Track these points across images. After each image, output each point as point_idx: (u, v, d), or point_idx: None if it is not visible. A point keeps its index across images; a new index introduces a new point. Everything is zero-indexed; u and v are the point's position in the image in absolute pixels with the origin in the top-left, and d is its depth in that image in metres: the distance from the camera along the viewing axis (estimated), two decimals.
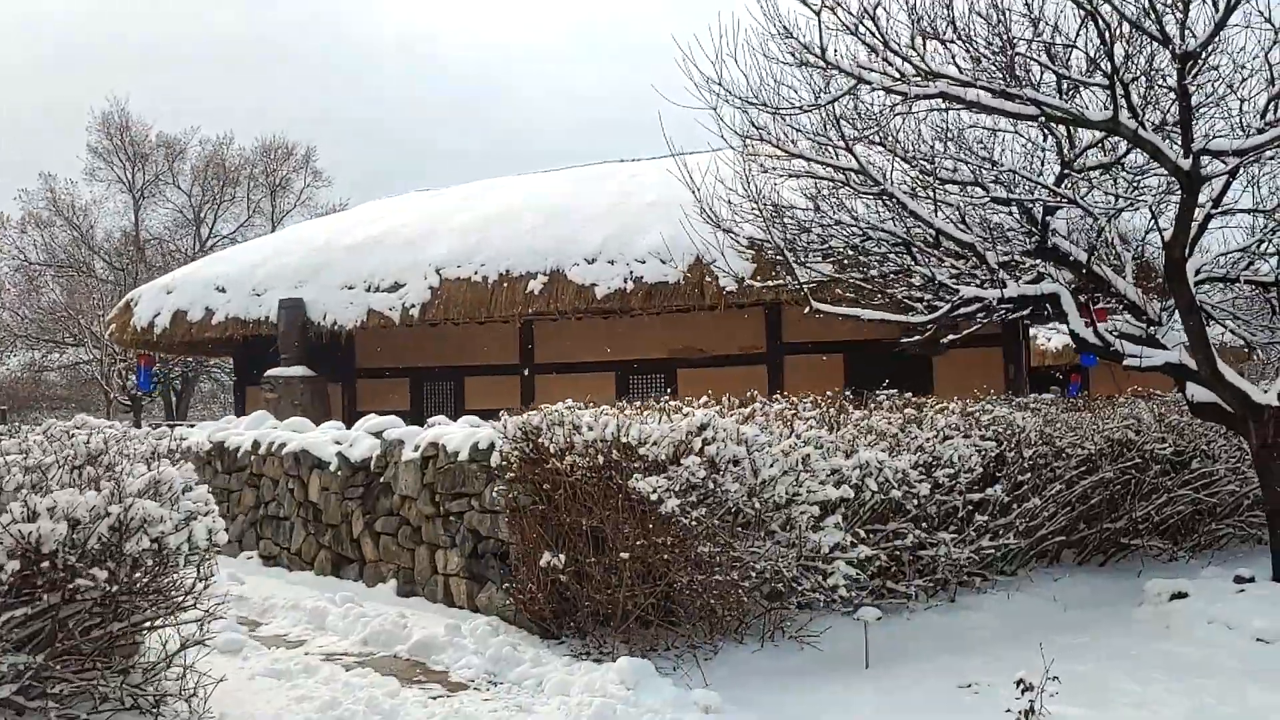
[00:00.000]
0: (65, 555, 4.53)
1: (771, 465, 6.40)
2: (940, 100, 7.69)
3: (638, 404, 7.18)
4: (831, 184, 9.30)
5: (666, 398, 7.81)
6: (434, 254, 14.98)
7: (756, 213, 8.67)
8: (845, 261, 9.45)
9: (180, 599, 5.00)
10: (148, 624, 5.02)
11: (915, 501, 7.13)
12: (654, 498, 5.97)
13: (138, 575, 4.76)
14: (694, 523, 6.07)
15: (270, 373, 15.11)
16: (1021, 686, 4.89)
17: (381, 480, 8.70)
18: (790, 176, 9.46)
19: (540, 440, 6.64)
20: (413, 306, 14.65)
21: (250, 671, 6.01)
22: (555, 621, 6.77)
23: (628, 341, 15.85)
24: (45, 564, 4.45)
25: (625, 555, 6.17)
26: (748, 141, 9.17)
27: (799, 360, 15.00)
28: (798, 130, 9.11)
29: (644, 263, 13.59)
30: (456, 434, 7.88)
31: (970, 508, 7.60)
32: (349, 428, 10.05)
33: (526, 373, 15.66)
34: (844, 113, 9.03)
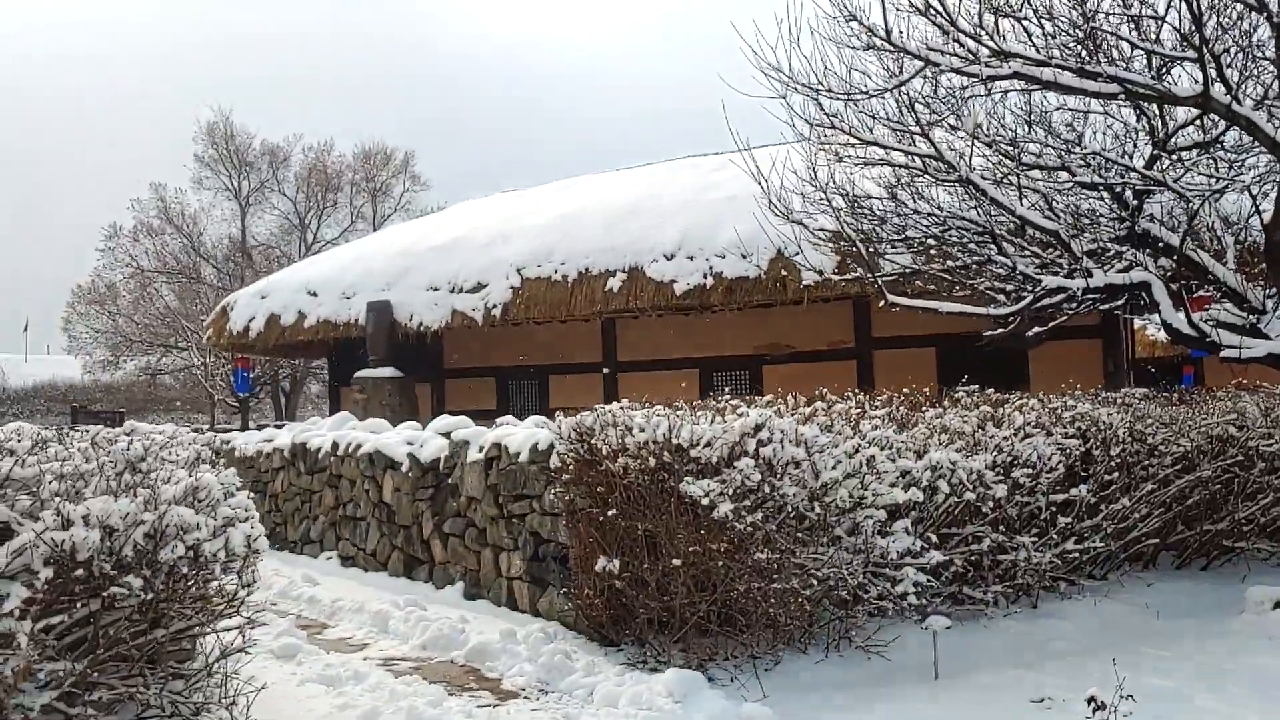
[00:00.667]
0: (101, 563, 4.53)
1: (834, 467, 6.13)
2: (1015, 81, 7.29)
3: (694, 403, 6.98)
4: (908, 172, 8.95)
5: (731, 398, 7.58)
6: (514, 254, 15.00)
7: (826, 203, 8.36)
8: (924, 252, 9.08)
9: (220, 606, 4.96)
10: (188, 631, 5.00)
11: (991, 503, 6.76)
12: (705, 502, 5.76)
13: (175, 583, 4.73)
14: (749, 528, 5.84)
15: (359, 374, 15.33)
16: (1093, 705, 4.56)
17: (449, 481, 8.66)
18: (864, 165, 9.14)
19: (593, 442, 6.49)
20: (494, 306, 14.69)
21: (301, 677, 5.99)
22: (614, 629, 6.60)
23: (711, 338, 15.64)
24: (80, 571, 4.45)
25: (678, 562, 5.97)
26: (819, 130, 8.88)
27: (889, 355, 14.59)
28: (872, 117, 8.79)
29: (723, 258, 13.36)
30: (518, 435, 7.79)
31: (1053, 509, 7.19)
32: None
33: (609, 371, 15.56)
34: (920, 97, 8.70)
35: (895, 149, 8.64)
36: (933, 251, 8.96)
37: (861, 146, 8.84)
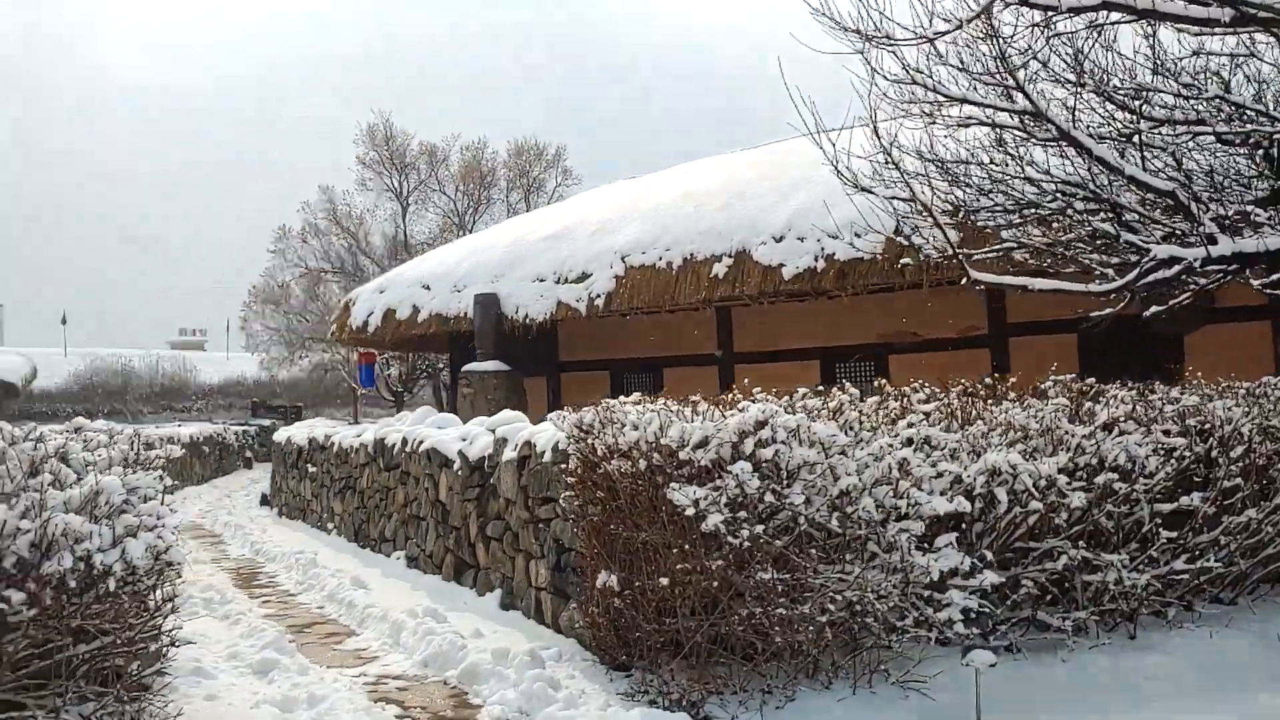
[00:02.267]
0: None
1: (859, 472, 5.21)
2: (1103, 13, 6.12)
3: (686, 398, 6.13)
4: (1002, 131, 7.82)
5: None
6: (619, 242, 14.37)
7: (894, 166, 7.35)
8: (1021, 226, 7.92)
9: (114, 625, 4.49)
10: (102, 649, 4.56)
11: (1066, 514, 5.66)
12: (691, 513, 4.94)
13: (66, 598, 4.29)
14: (747, 543, 4.99)
15: (467, 368, 15.03)
16: None
17: (491, 481, 8.10)
18: (958, 126, 8.04)
19: (591, 441, 5.76)
20: (598, 296, 14.10)
21: (262, 698, 5.52)
22: (622, 651, 5.86)
23: (832, 326, 14.59)
24: None
25: (665, 581, 5.18)
26: (900, 89, 7.84)
27: (1026, 342, 13.21)
28: (960, 69, 7.71)
29: (836, 238, 12.30)
30: (547, 433, 7.13)
31: (1157, 521, 6.00)
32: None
33: (723, 361, 14.75)
34: (1013, 45, 7.55)
35: (985, 105, 7.55)
36: (1031, 220, 7.78)
37: (949, 105, 7.77)
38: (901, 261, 10.77)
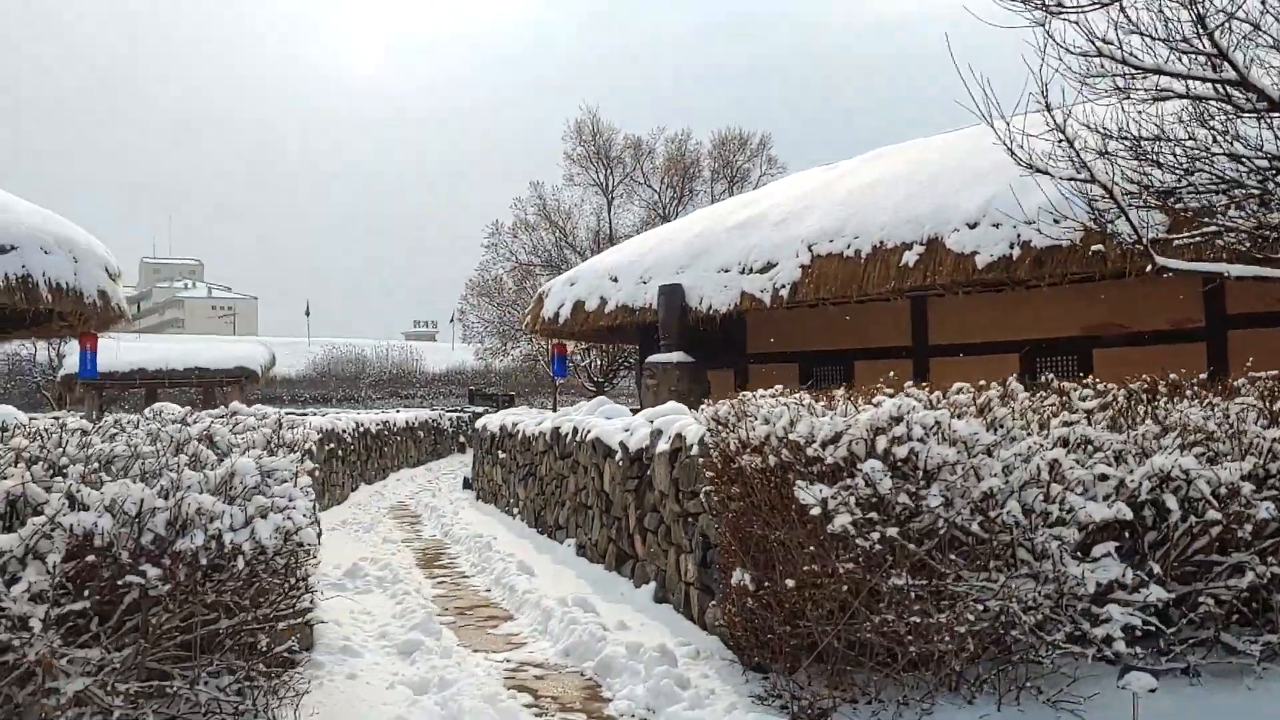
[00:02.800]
0: (119, 550, 4.40)
1: (1006, 474, 4.83)
2: None
3: (871, 390, 5.84)
4: (1201, 104, 7.12)
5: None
6: (806, 230, 14.04)
7: (1067, 143, 6.79)
8: (1223, 209, 7.19)
9: (247, 602, 4.68)
10: (227, 626, 4.77)
11: (1251, 526, 5.07)
12: (816, 512, 4.71)
13: (198, 575, 4.50)
14: (877, 546, 4.71)
15: (650, 359, 15.08)
16: None
17: (648, 473, 8.05)
18: (1150, 101, 7.38)
19: (725, 435, 5.61)
20: (783, 286, 13.83)
21: (399, 679, 5.65)
22: (758, 651, 5.67)
23: (1032, 318, 13.80)
24: (92, 558, 4.33)
25: (791, 583, 4.96)
26: (1086, 62, 7.26)
27: (1249, 335, 12.06)
28: (1155, 38, 7.06)
29: (1032, 224, 11.58)
30: (696, 425, 7.01)
31: None
32: None
33: (918, 354, 14.19)
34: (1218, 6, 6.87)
35: (1184, 76, 6.89)
36: (1235, 203, 7.04)
37: (1140, 77, 7.14)
38: (1093, 248, 10.00)
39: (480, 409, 35.46)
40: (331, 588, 8.41)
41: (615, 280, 16.21)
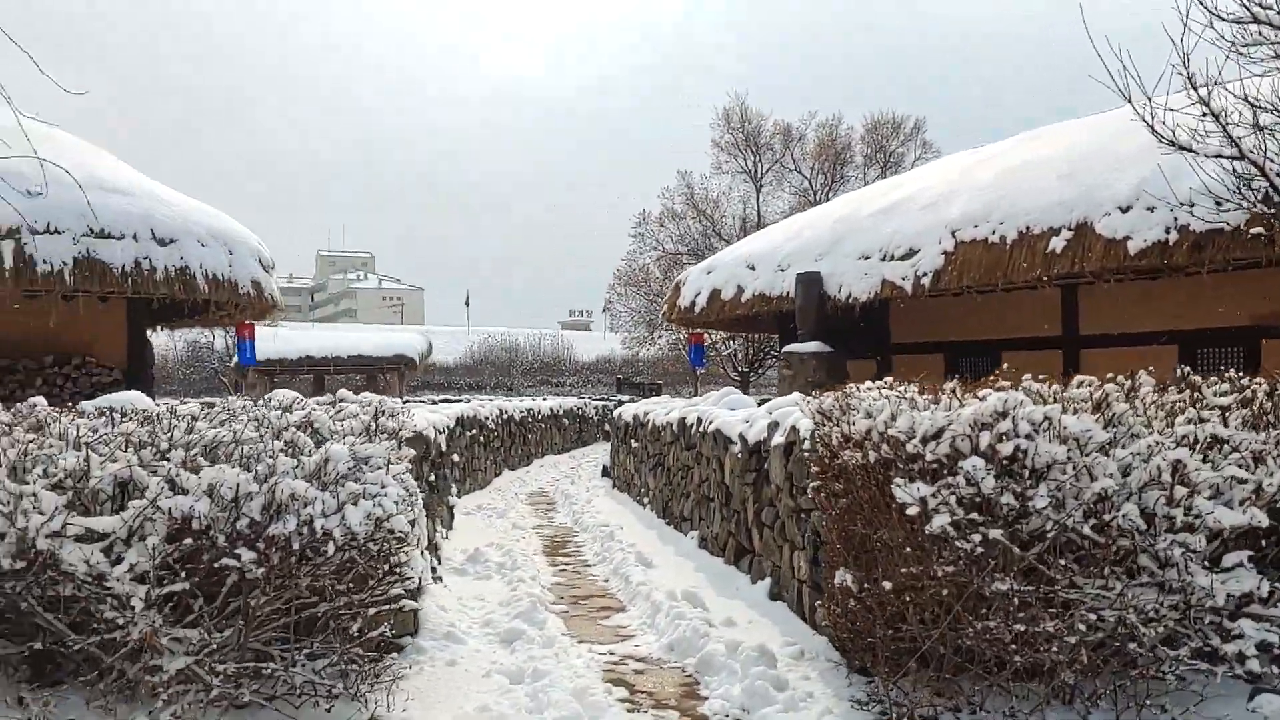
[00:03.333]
0: (216, 534, 4.53)
1: (1123, 475, 4.48)
2: None
3: (1017, 380, 5.52)
4: None
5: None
6: (950, 215, 13.51)
7: (1214, 119, 6.26)
8: None
9: (340, 588, 4.74)
10: (327, 609, 4.85)
11: None
12: (913, 511, 4.47)
13: (291, 560, 4.59)
14: (979, 549, 4.44)
15: (786, 349, 14.81)
16: None
17: (765, 466, 7.87)
18: None
19: (827, 429, 5.40)
20: (924, 274, 13.35)
21: (496, 668, 5.66)
22: (860, 654, 5.45)
23: (1193, 307, 12.95)
24: (189, 540, 4.47)
25: (888, 585, 4.73)
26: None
27: None
28: None
29: (1188, 207, 10.84)
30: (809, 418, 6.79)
31: None
32: None
33: (1069, 345, 13.50)
34: None
35: None
36: None
37: None
38: (1253, 231, 9.28)
39: (626, 397, 35.74)
40: (453, 572, 8.55)
41: (752, 268, 15.98)
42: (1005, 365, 5.67)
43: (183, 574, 4.55)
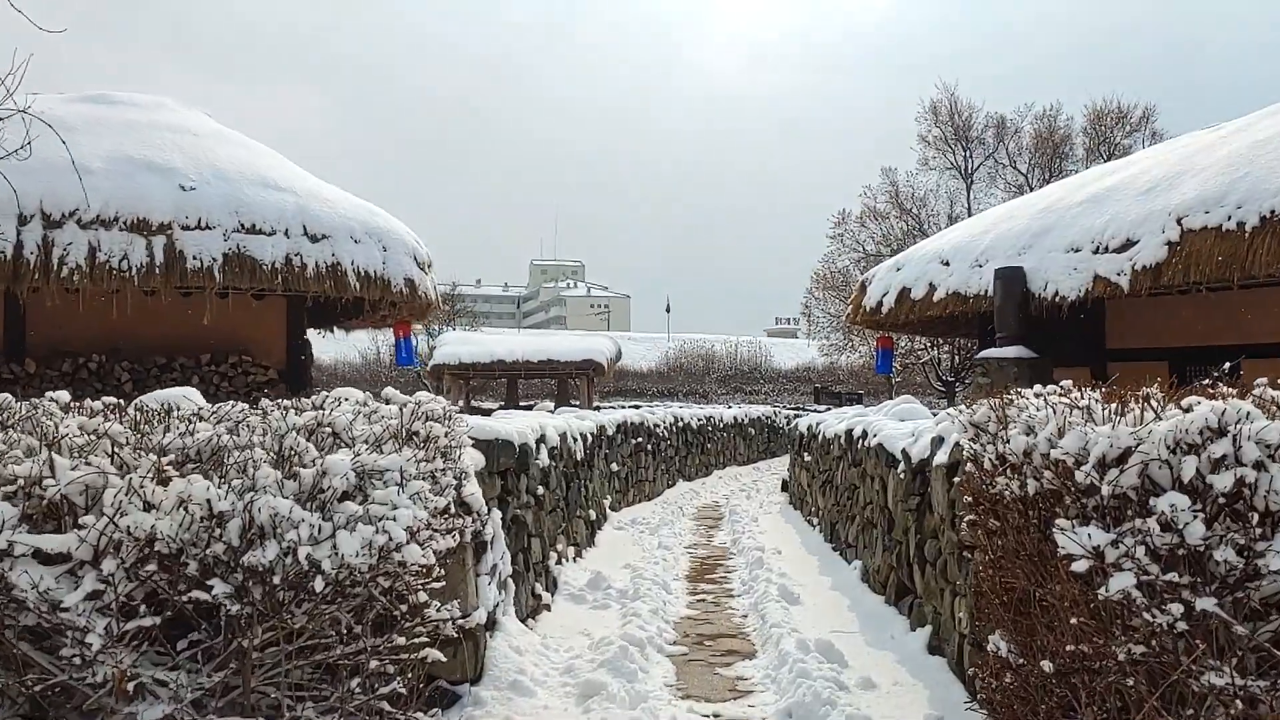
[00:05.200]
0: (188, 560, 3.71)
1: None
2: None
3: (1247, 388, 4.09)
4: None
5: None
6: (1175, 201, 11.58)
7: None
8: None
9: (331, 635, 3.83)
10: (341, 653, 3.96)
11: None
12: (1081, 566, 3.17)
13: (278, 596, 3.71)
14: (1180, 624, 3.09)
15: (981, 354, 13.19)
16: None
17: (929, 490, 6.56)
18: None
19: (984, 445, 4.11)
20: (1143, 269, 11.49)
21: None
22: None
23: None
24: (152, 566, 3.67)
25: (1048, 666, 3.42)
26: None
27: None
28: None
29: None
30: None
31: None
32: None
33: None
34: None
35: None
36: None
37: None
38: None
39: (823, 407, 34.16)
40: (569, 599, 7.62)
41: (946, 264, 14.37)
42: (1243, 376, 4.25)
43: (153, 607, 3.77)
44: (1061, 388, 4.14)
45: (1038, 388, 4.30)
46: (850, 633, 6.66)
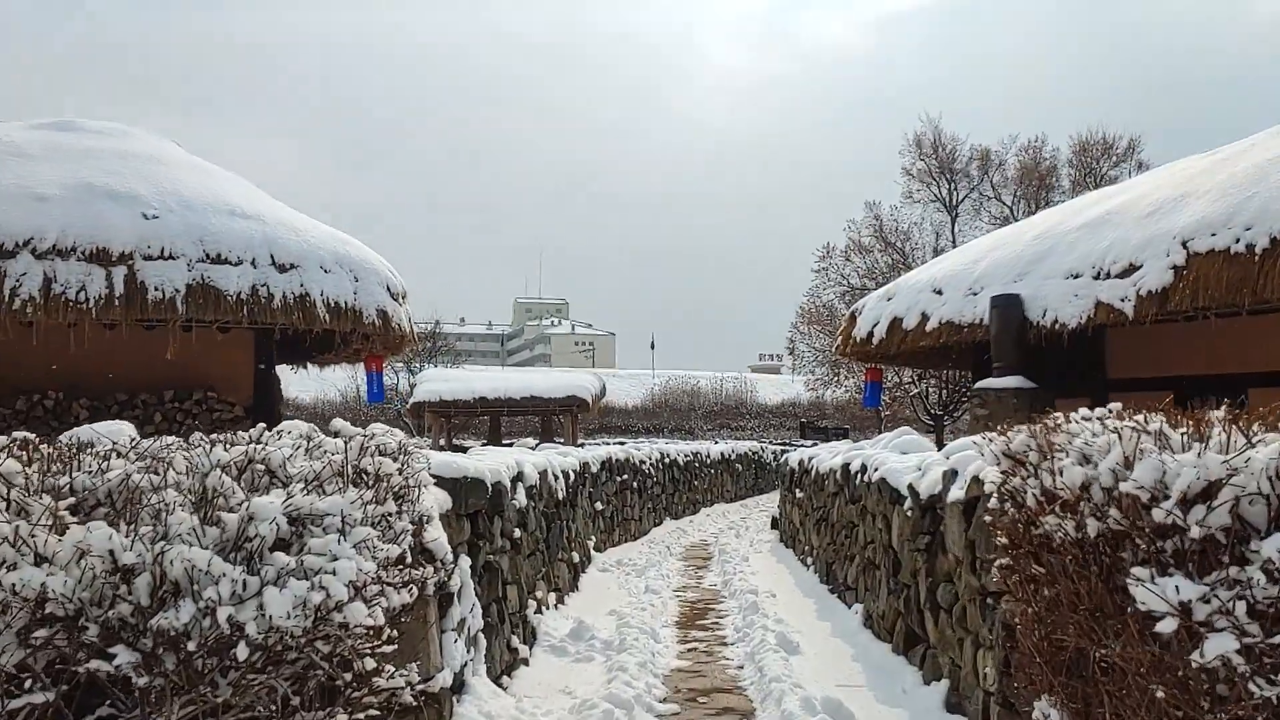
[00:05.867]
0: (88, 623, 3.12)
1: None
2: None
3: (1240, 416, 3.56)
4: None
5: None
6: (1180, 223, 11.12)
7: None
8: None
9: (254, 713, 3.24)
10: None
11: None
12: (1163, 628, 2.61)
13: (198, 664, 3.12)
14: None
15: (979, 385, 12.66)
16: None
17: (940, 529, 6.00)
18: None
19: (1024, 479, 3.56)
20: (1147, 294, 11.02)
21: None
22: None
23: None
24: (43, 631, 3.07)
25: None
26: None
27: None
28: None
29: None
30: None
31: None
32: None
33: None
34: None
35: None
36: None
37: None
38: None
39: (810, 443, 33.60)
40: (550, 651, 7.01)
41: (939, 293, 13.87)
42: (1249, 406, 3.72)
43: (51, 678, 3.17)
44: (1114, 410, 3.59)
45: (1084, 410, 3.75)
46: (857, 686, 6.08)
